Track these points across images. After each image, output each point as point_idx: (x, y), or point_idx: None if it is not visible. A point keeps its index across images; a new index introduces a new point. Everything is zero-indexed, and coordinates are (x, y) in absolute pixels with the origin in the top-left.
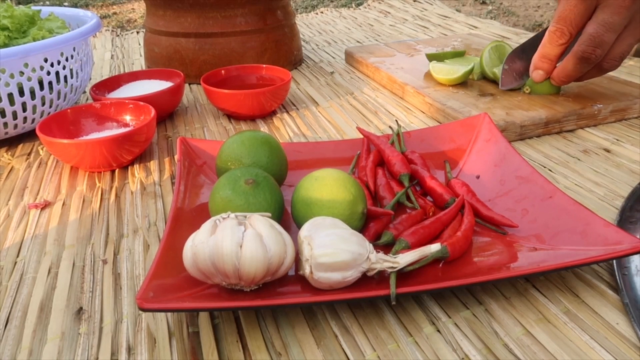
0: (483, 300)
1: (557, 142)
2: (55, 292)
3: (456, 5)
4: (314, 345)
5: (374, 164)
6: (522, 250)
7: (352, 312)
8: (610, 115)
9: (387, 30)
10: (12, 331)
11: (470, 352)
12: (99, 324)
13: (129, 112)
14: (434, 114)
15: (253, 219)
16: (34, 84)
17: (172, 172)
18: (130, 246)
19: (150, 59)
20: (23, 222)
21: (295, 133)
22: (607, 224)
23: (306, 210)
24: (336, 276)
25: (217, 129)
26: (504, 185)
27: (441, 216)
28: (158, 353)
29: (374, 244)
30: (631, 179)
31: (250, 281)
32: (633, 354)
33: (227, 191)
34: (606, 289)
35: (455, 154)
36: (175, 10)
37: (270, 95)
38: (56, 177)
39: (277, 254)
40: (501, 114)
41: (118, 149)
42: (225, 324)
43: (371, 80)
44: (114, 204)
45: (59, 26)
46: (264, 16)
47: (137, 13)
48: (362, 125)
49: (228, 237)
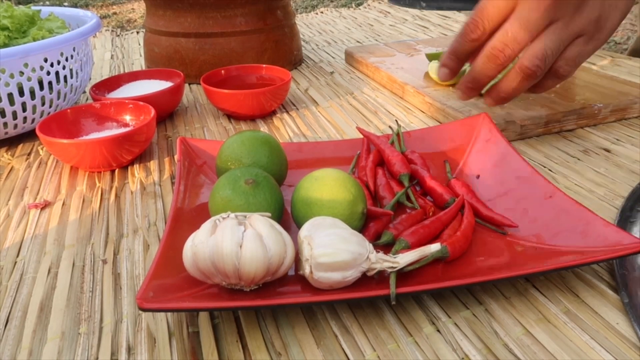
0: (483, 300)
1: (557, 142)
2: (55, 292)
3: None
4: (314, 345)
5: (374, 163)
6: (522, 250)
7: (352, 312)
8: (610, 115)
9: (387, 30)
10: (12, 331)
11: (470, 352)
12: (99, 324)
13: (129, 112)
14: (434, 114)
15: (253, 219)
16: (33, 84)
17: (172, 172)
18: (130, 246)
19: (150, 59)
20: (23, 222)
21: (295, 133)
22: (607, 224)
23: (306, 210)
24: (336, 276)
25: (217, 129)
26: (504, 185)
27: (441, 216)
28: (158, 353)
29: (374, 244)
30: (631, 179)
31: (250, 281)
32: (633, 354)
33: (227, 191)
34: (606, 289)
35: (455, 154)
36: (175, 10)
37: (270, 95)
38: (56, 177)
39: (277, 254)
40: (501, 113)
41: (118, 149)
42: (225, 324)
43: (371, 80)
44: (114, 204)
45: (58, 26)
46: (264, 16)
47: (137, 13)
48: (362, 125)
49: (228, 237)
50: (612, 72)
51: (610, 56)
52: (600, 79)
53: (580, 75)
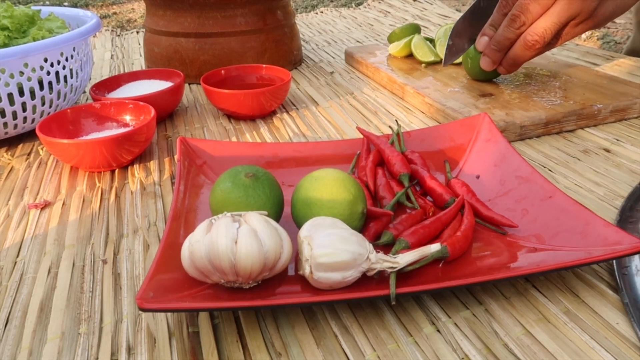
0: (483, 300)
1: (557, 142)
2: (55, 292)
3: (456, 5)
4: (314, 345)
5: (373, 164)
6: (522, 250)
7: (352, 312)
8: (610, 115)
9: (387, 30)
10: (12, 331)
11: (470, 352)
12: (99, 324)
13: (129, 112)
14: (433, 114)
15: (248, 216)
16: (33, 84)
17: (172, 172)
18: (130, 246)
19: (150, 59)
20: (23, 222)
21: (295, 133)
22: (607, 224)
23: (306, 210)
24: (336, 276)
25: (217, 129)
26: (504, 185)
27: (441, 216)
28: (158, 353)
29: (374, 244)
30: (631, 179)
31: (248, 277)
32: (633, 354)
33: (227, 184)
34: (606, 289)
35: (455, 154)
36: (175, 10)
37: (270, 95)
38: (56, 177)
39: (273, 249)
40: (501, 114)
41: (118, 149)
42: (225, 324)
43: (371, 80)
44: (114, 204)
45: (58, 26)
46: (264, 16)
47: (137, 13)
48: (362, 125)
49: (223, 234)
50: (612, 72)
51: (610, 56)
52: (600, 79)
53: (580, 76)
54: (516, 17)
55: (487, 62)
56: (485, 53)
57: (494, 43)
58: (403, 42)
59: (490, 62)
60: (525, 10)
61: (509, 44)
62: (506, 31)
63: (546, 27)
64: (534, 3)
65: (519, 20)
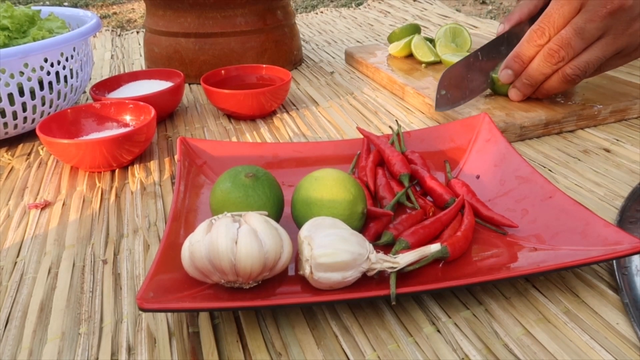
0: (483, 300)
1: (557, 143)
2: (55, 292)
3: (456, 5)
4: (314, 345)
5: (374, 164)
6: (522, 250)
7: (352, 312)
8: (610, 116)
9: (387, 30)
10: (12, 331)
11: (470, 352)
12: (99, 324)
13: (129, 112)
14: (433, 115)
15: (248, 216)
16: (34, 84)
17: (172, 172)
18: (130, 246)
19: (150, 59)
20: (23, 222)
21: (295, 133)
22: (607, 224)
23: (306, 210)
24: (336, 276)
25: (217, 129)
26: (504, 185)
27: (441, 216)
28: (158, 353)
29: (374, 244)
30: (631, 179)
31: (248, 277)
32: (633, 354)
33: (227, 184)
34: (606, 289)
35: (455, 154)
36: (175, 10)
37: (270, 95)
38: (56, 177)
39: (273, 249)
40: (501, 114)
41: (118, 149)
42: (225, 324)
43: (371, 80)
44: (114, 204)
45: (59, 26)
46: (264, 16)
47: (137, 13)
48: (362, 125)
49: (223, 234)
50: (612, 73)
51: None
52: (600, 79)
53: None
54: (554, 53)
55: (517, 94)
56: (516, 86)
57: (527, 77)
58: (403, 42)
59: (520, 95)
60: (566, 45)
61: (543, 78)
62: (542, 66)
63: (589, 61)
64: (576, 38)
65: (557, 56)
